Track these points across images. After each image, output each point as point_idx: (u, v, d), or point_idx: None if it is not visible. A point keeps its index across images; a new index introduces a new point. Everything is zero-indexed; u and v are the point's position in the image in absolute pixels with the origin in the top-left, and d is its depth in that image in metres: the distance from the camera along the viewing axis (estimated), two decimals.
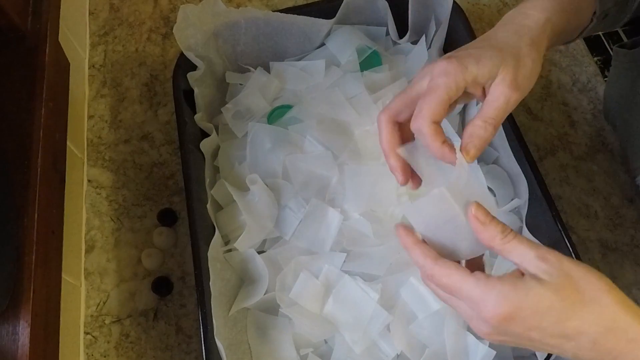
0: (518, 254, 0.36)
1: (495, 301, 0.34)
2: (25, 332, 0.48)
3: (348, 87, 0.65)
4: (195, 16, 0.61)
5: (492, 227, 0.37)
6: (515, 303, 0.34)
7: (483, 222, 0.37)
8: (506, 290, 0.34)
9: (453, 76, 0.41)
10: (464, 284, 0.35)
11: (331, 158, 0.59)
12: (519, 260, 0.35)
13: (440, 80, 0.42)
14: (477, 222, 0.37)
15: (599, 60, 0.77)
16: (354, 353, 0.53)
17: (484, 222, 0.37)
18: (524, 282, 0.34)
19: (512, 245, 0.36)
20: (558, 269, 0.34)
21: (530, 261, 0.35)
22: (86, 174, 0.69)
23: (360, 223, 0.57)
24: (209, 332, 0.49)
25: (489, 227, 0.37)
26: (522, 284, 0.34)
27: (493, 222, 0.37)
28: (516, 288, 0.34)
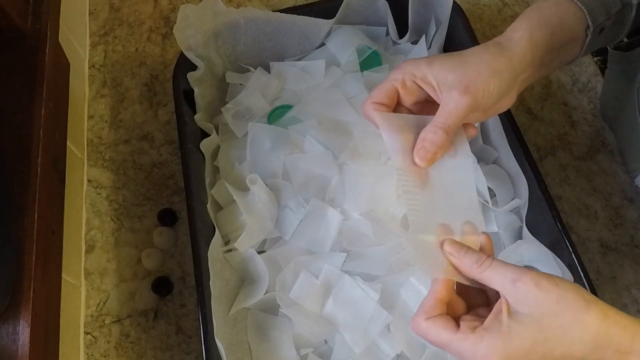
0: (497, 280, 0.37)
1: (484, 354, 0.35)
2: (25, 332, 0.47)
3: (348, 87, 0.65)
4: (195, 16, 0.61)
5: (466, 258, 0.38)
6: (502, 351, 0.34)
7: (457, 256, 0.39)
8: (492, 340, 0.35)
9: (403, 70, 0.45)
10: (452, 342, 0.36)
11: (331, 158, 0.59)
12: (499, 286, 0.36)
13: (392, 73, 0.46)
14: (452, 257, 0.39)
15: (599, 60, 0.77)
16: (354, 353, 0.53)
17: (458, 255, 0.39)
18: (506, 325, 0.35)
19: (490, 272, 0.37)
20: (535, 295, 0.35)
21: (507, 287, 0.36)
22: (86, 174, 0.69)
23: (360, 223, 0.57)
24: (209, 332, 0.49)
25: (463, 259, 0.39)
26: (505, 328, 0.35)
27: (468, 253, 0.39)
28: (500, 335, 0.35)
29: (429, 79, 0.44)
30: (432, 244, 0.41)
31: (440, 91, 0.44)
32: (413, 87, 0.45)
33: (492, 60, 0.44)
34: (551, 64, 0.48)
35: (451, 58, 0.45)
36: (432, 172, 0.45)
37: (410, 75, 0.45)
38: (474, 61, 0.44)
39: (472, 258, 0.38)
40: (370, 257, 0.57)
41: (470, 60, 0.44)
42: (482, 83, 0.43)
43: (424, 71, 0.44)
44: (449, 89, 0.43)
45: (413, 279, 0.54)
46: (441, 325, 0.37)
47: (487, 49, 0.45)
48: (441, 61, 0.44)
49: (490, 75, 0.43)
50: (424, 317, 0.38)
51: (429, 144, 0.43)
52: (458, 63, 0.44)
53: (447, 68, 0.44)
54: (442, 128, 0.43)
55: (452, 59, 0.45)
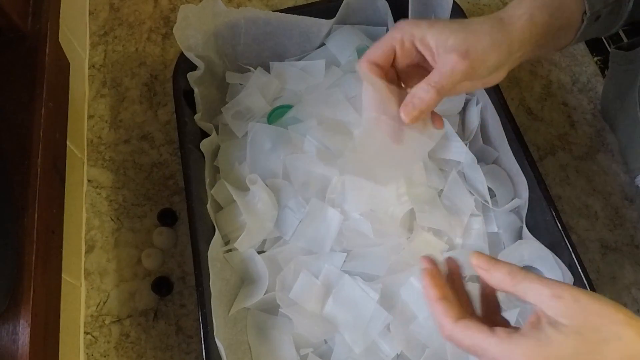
0: (533, 294, 0.35)
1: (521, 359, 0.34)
2: (25, 332, 0.47)
3: (348, 87, 0.65)
4: (195, 16, 0.61)
5: (496, 271, 0.37)
6: (540, 358, 0.33)
7: (487, 269, 0.37)
8: (531, 346, 0.34)
9: (401, 30, 0.45)
10: (487, 345, 0.35)
11: (331, 158, 0.59)
12: (535, 300, 0.35)
13: (391, 32, 0.45)
14: (481, 270, 0.37)
15: (599, 60, 0.77)
16: (354, 353, 0.53)
17: (487, 268, 0.37)
18: (546, 333, 0.34)
19: (525, 286, 0.35)
20: (575, 309, 0.34)
21: (545, 302, 0.35)
22: (86, 174, 0.69)
23: (360, 223, 0.57)
24: (209, 332, 0.49)
25: (493, 272, 0.37)
26: (544, 335, 0.34)
27: (497, 266, 0.37)
28: (539, 342, 0.34)
29: (428, 40, 0.44)
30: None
31: (438, 53, 0.44)
32: (410, 48, 0.45)
33: (493, 31, 0.44)
34: (545, 46, 0.48)
35: (452, 23, 0.45)
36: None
37: (409, 35, 0.44)
38: (476, 29, 0.44)
39: (503, 271, 0.36)
40: (370, 257, 0.57)
41: (472, 27, 0.44)
42: (481, 51, 0.43)
43: (424, 32, 0.44)
44: (448, 52, 0.43)
45: (413, 279, 0.54)
46: (475, 328, 0.36)
47: (489, 21, 0.45)
48: (442, 24, 0.44)
49: (490, 45, 0.43)
50: (454, 319, 0.36)
51: (418, 100, 0.44)
52: (460, 28, 0.44)
53: (449, 32, 0.44)
54: (435, 87, 0.43)
55: (454, 24, 0.44)
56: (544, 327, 0.34)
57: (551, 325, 0.34)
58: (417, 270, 0.54)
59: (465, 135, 0.64)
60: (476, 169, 0.60)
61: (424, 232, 0.58)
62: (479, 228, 0.59)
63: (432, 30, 0.44)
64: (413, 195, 0.59)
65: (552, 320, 0.34)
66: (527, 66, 0.76)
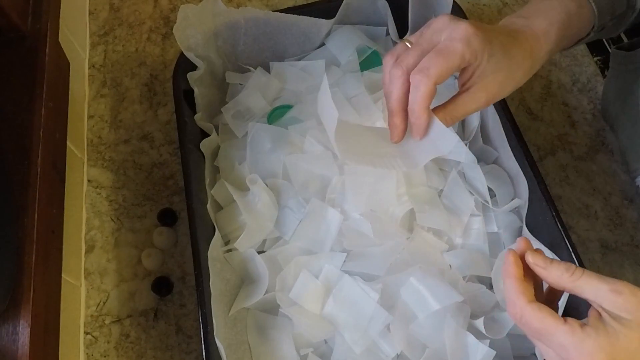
0: (591, 290, 0.36)
1: (591, 352, 0.34)
2: (25, 332, 0.47)
3: (348, 87, 0.64)
4: (195, 16, 0.61)
5: (554, 268, 0.37)
6: (609, 352, 0.34)
7: (544, 266, 0.38)
8: (600, 340, 0.34)
9: (472, 49, 0.42)
10: (558, 331, 0.35)
11: (331, 158, 0.59)
12: (593, 296, 0.36)
13: (459, 45, 0.42)
14: (538, 268, 0.38)
15: (599, 60, 0.77)
16: (354, 353, 0.53)
17: (544, 266, 0.38)
18: (613, 327, 0.34)
19: (583, 282, 0.36)
20: (634, 303, 0.34)
21: (604, 297, 0.35)
22: (86, 174, 0.69)
23: (360, 223, 0.57)
24: (209, 332, 0.49)
25: (550, 269, 0.37)
26: (611, 329, 0.34)
27: (554, 264, 0.38)
28: (609, 337, 0.34)
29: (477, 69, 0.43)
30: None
31: (474, 90, 0.44)
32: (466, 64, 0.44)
33: (523, 78, 0.46)
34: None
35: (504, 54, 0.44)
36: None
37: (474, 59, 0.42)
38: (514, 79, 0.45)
39: (561, 267, 0.37)
40: (370, 257, 0.57)
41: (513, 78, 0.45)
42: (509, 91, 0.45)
43: (484, 61, 0.43)
44: (481, 89, 0.44)
45: (413, 279, 0.54)
46: (548, 313, 0.36)
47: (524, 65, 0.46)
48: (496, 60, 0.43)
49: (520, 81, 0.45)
50: (527, 299, 0.37)
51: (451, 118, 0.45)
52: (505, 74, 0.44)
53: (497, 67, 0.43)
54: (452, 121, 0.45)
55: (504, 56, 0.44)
56: (609, 321, 0.35)
57: (615, 320, 0.35)
58: (417, 270, 0.54)
59: (465, 135, 0.64)
60: (476, 169, 0.60)
61: (424, 232, 0.58)
62: (479, 228, 0.59)
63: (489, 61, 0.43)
64: (413, 195, 0.59)
65: (614, 315, 0.35)
66: None
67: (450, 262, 0.57)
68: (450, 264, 0.57)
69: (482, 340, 0.51)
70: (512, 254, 0.39)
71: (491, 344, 0.52)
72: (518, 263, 0.39)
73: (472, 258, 0.56)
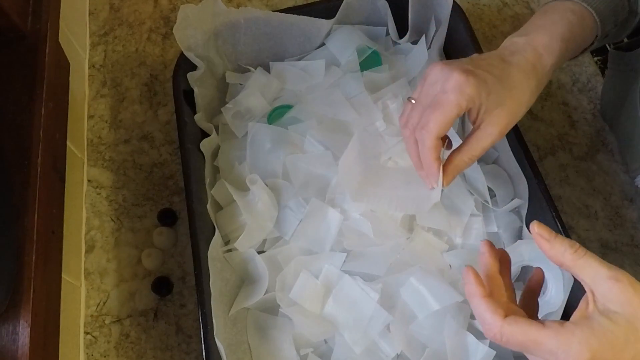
0: (590, 272, 0.35)
1: (578, 350, 0.34)
2: (25, 332, 0.48)
3: (348, 87, 0.65)
4: (195, 16, 0.61)
5: (558, 242, 0.37)
6: (595, 347, 0.34)
7: (548, 239, 0.37)
8: (586, 336, 0.34)
9: (467, 96, 0.43)
10: (543, 338, 0.35)
11: (331, 158, 0.59)
12: (590, 279, 0.35)
13: (452, 96, 0.43)
14: (541, 239, 0.37)
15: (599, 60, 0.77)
16: (354, 353, 0.53)
17: (549, 238, 0.37)
18: (598, 322, 0.34)
19: (584, 262, 0.35)
20: (629, 295, 0.34)
21: (601, 283, 0.35)
22: (86, 174, 0.69)
23: (360, 223, 0.57)
24: (209, 332, 0.49)
25: (554, 243, 0.37)
26: (597, 324, 0.34)
27: (558, 238, 0.37)
28: (594, 332, 0.34)
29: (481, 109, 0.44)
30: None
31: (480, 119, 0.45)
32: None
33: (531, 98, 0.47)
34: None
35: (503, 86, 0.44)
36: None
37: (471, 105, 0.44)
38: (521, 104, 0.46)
39: (565, 243, 0.36)
40: (370, 257, 0.57)
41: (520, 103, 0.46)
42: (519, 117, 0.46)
43: (482, 102, 0.44)
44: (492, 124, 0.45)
45: (413, 279, 0.54)
46: (526, 323, 0.35)
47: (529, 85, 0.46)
48: (495, 92, 0.44)
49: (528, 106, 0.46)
50: (502, 315, 0.36)
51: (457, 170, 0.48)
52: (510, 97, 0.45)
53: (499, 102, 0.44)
54: (473, 160, 0.47)
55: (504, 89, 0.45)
56: (595, 315, 0.34)
57: (602, 314, 0.34)
58: (417, 270, 0.54)
59: (465, 135, 0.64)
60: (476, 169, 0.60)
61: (424, 232, 0.58)
62: (479, 228, 0.59)
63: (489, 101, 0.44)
64: None
65: (603, 308, 0.34)
66: None
67: (450, 262, 0.57)
68: (450, 264, 0.57)
69: (482, 340, 0.51)
70: (470, 271, 0.38)
71: (491, 344, 0.51)
72: (479, 280, 0.38)
73: (472, 258, 0.56)
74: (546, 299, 0.54)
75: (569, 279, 0.51)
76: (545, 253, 0.37)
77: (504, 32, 0.79)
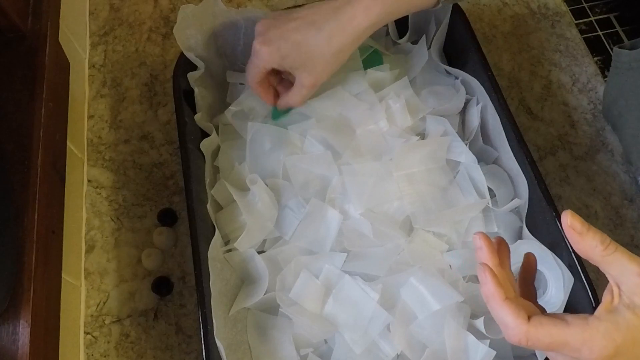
0: (617, 267, 0.35)
1: (601, 344, 0.33)
2: (25, 332, 0.47)
3: (351, 84, 0.64)
4: (195, 16, 0.61)
5: (589, 237, 0.36)
6: (618, 341, 0.33)
7: (580, 232, 0.36)
8: (610, 330, 0.33)
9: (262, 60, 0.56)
10: (568, 337, 0.34)
11: (331, 158, 0.59)
12: (617, 273, 0.35)
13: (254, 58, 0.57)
14: (573, 232, 0.36)
15: (599, 60, 0.77)
16: (354, 353, 0.53)
17: (581, 232, 0.36)
18: (623, 316, 0.34)
19: (614, 258, 0.35)
20: None
21: (628, 278, 0.34)
22: (86, 174, 0.69)
23: (360, 223, 0.57)
24: (209, 332, 0.49)
25: (586, 237, 0.36)
26: (621, 318, 0.34)
27: (591, 231, 0.36)
28: (618, 326, 0.33)
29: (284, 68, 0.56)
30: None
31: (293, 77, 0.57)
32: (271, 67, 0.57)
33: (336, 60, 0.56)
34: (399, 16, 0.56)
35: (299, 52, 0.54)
36: None
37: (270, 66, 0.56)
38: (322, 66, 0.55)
39: (597, 238, 0.35)
40: (370, 258, 0.57)
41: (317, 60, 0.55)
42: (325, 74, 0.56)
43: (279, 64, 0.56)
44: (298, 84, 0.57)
45: (413, 279, 0.54)
46: (550, 323, 0.34)
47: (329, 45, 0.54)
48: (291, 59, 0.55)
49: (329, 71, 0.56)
50: (525, 320, 0.35)
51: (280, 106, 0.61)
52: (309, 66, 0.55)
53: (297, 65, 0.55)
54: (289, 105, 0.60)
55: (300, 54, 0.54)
56: (620, 309, 0.34)
57: (627, 308, 0.34)
58: (417, 270, 0.54)
59: (465, 135, 0.64)
60: (476, 169, 0.60)
61: (423, 232, 0.58)
62: (479, 228, 0.59)
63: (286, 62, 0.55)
64: (413, 195, 0.59)
65: (628, 302, 0.34)
66: (527, 66, 0.76)
67: (450, 262, 0.57)
68: (450, 264, 0.57)
69: (482, 340, 0.51)
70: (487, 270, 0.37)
71: (491, 344, 0.52)
72: (496, 280, 0.36)
73: (472, 258, 0.56)
74: (546, 299, 0.54)
75: (569, 279, 0.51)
76: (573, 245, 0.36)
77: (503, 32, 0.79)
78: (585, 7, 1.50)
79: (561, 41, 0.78)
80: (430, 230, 0.58)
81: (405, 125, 0.62)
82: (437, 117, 0.62)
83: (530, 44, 0.78)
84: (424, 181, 0.60)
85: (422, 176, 0.60)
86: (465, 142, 0.62)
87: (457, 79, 0.66)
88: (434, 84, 0.67)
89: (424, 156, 0.60)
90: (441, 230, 0.58)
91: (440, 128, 0.62)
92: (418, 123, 0.63)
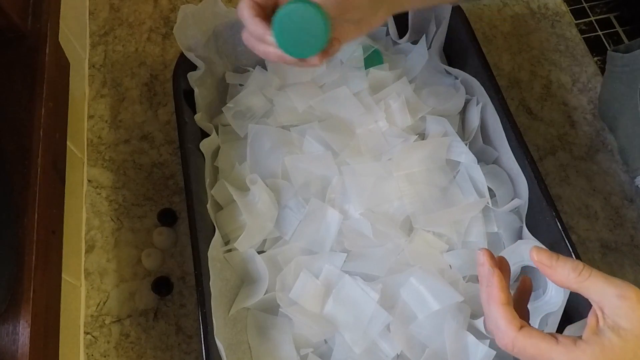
0: (597, 291, 0.35)
1: None
2: (25, 332, 0.47)
3: (352, 83, 0.64)
4: (195, 16, 0.61)
5: (560, 266, 0.36)
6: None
7: (549, 264, 0.37)
8: (596, 352, 0.34)
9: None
10: (554, 353, 0.35)
11: (331, 158, 0.59)
12: (598, 297, 0.35)
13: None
14: (543, 266, 0.37)
15: (599, 60, 0.77)
16: (354, 353, 0.53)
17: (550, 264, 0.37)
18: (608, 339, 0.34)
19: (590, 283, 0.35)
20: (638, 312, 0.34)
21: (609, 301, 0.34)
22: (86, 174, 0.69)
23: (360, 223, 0.57)
24: (209, 332, 0.49)
25: (557, 267, 0.36)
26: (607, 341, 0.34)
27: (560, 261, 0.36)
28: (604, 349, 0.34)
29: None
30: None
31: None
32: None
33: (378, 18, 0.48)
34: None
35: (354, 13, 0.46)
36: None
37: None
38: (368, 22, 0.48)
39: (567, 266, 0.36)
40: (370, 258, 0.57)
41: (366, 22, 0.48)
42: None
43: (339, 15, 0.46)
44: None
45: (413, 279, 0.54)
46: (539, 336, 0.35)
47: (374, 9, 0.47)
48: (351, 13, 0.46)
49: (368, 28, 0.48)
50: (517, 327, 0.36)
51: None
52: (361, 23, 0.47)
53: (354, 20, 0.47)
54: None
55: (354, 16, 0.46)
56: (605, 331, 0.34)
57: (611, 330, 0.34)
58: (417, 270, 0.54)
59: (465, 135, 0.64)
60: (476, 169, 0.60)
61: (424, 232, 0.58)
62: (479, 228, 0.59)
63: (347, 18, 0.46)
64: (413, 195, 0.59)
65: (612, 324, 0.34)
66: (527, 66, 0.76)
67: (450, 262, 0.57)
68: (450, 264, 0.57)
69: (482, 340, 0.51)
70: (497, 275, 0.38)
71: (491, 344, 0.52)
72: (503, 285, 0.38)
73: (472, 258, 0.56)
74: (546, 299, 0.54)
75: None
76: (549, 279, 0.37)
77: (503, 32, 0.79)
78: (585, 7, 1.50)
79: (561, 41, 0.78)
80: (430, 230, 0.58)
81: (405, 125, 0.63)
82: (437, 117, 0.62)
83: (530, 44, 0.78)
84: (424, 181, 0.60)
85: (422, 176, 0.60)
86: (465, 142, 0.62)
87: (457, 79, 0.66)
88: (434, 84, 0.67)
89: (424, 156, 0.60)
90: (441, 230, 0.58)
91: (440, 128, 0.62)
92: (418, 123, 0.63)
